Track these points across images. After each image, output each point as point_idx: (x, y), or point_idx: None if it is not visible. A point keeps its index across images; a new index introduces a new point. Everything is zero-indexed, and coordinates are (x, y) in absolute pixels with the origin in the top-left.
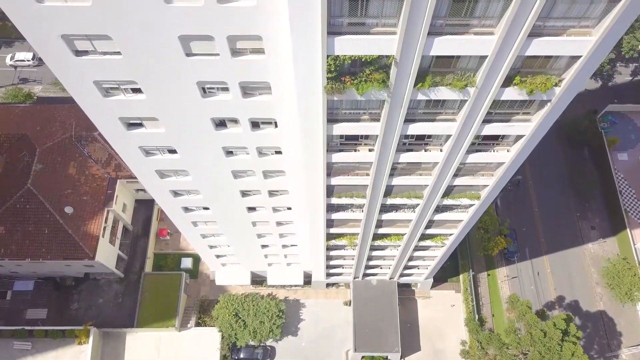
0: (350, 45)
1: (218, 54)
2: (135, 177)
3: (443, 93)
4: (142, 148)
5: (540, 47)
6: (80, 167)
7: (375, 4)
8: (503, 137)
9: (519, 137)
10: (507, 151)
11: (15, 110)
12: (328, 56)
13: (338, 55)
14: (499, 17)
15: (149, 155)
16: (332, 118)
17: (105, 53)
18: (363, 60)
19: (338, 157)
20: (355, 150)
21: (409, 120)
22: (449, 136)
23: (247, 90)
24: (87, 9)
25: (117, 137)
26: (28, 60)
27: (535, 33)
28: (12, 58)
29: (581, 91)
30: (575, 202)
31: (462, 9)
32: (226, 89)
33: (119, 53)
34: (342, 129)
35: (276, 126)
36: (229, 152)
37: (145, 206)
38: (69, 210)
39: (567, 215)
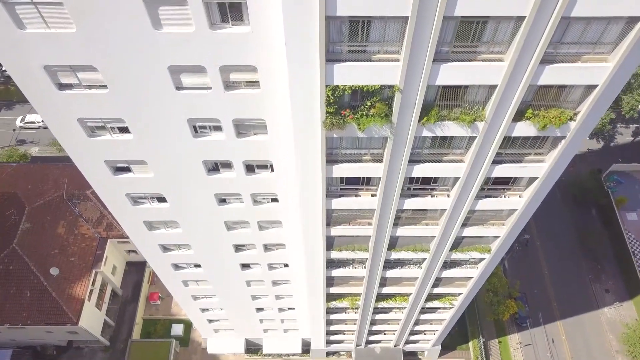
0: (350, 73)
1: (210, 87)
2: (126, 237)
3: (450, 129)
4: (130, 196)
5: (554, 75)
6: (69, 227)
7: (377, 26)
8: (514, 181)
9: (531, 181)
10: (519, 197)
11: (8, 169)
12: (327, 86)
13: (337, 85)
14: (509, 42)
15: (136, 204)
16: (332, 159)
17: (90, 87)
18: (364, 90)
19: (338, 204)
20: (356, 196)
21: (413, 161)
22: (456, 179)
23: (241, 129)
24: (72, 36)
25: (102, 183)
26: (38, 122)
27: (547, 60)
28: (22, 120)
29: (583, 151)
30: (586, 263)
31: (469, 32)
32: (219, 128)
33: (105, 87)
34: (342, 170)
35: (272, 170)
36: (222, 200)
37: (136, 268)
38: (54, 271)
39: (578, 277)
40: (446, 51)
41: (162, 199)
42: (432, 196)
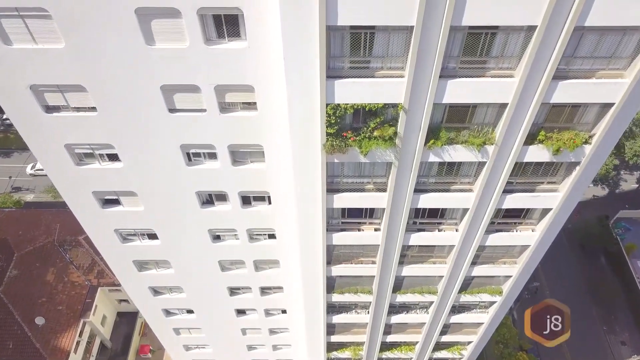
0: (352, 90)
1: (205, 110)
2: (118, 285)
3: (458, 153)
4: (119, 232)
5: (567, 92)
6: (59, 274)
7: (380, 39)
8: (526, 213)
9: (544, 213)
10: (532, 231)
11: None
12: (327, 105)
13: (338, 105)
14: (519, 57)
15: (126, 242)
16: (333, 188)
17: (79, 109)
18: (367, 109)
19: (339, 239)
20: (358, 230)
21: (419, 190)
22: (465, 211)
23: (238, 156)
24: (60, 53)
25: (90, 218)
26: None
27: (560, 76)
28: (32, 167)
29: (589, 198)
30: (599, 313)
31: (477, 46)
32: (214, 155)
33: (94, 109)
34: (344, 200)
35: (270, 202)
36: (216, 237)
37: (127, 319)
38: (39, 321)
39: (592, 328)
40: (453, 67)
41: (152, 236)
42: (439, 230)
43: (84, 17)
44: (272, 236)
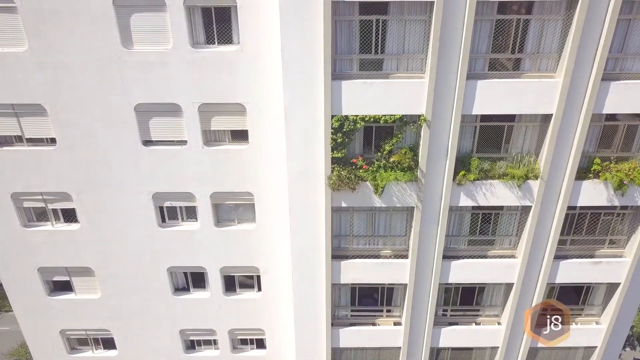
0: (362, 96)
1: (186, 142)
2: None
3: (495, 192)
4: (66, 335)
5: (620, 97)
6: None
7: (394, 27)
8: (586, 296)
9: (610, 294)
10: (596, 323)
11: None
12: (333, 117)
13: (347, 117)
14: (559, 53)
15: (74, 352)
16: (339, 254)
17: (34, 142)
18: (381, 121)
19: (348, 338)
20: (373, 325)
21: (449, 256)
22: (508, 291)
23: (222, 214)
24: (20, 58)
25: (31, 311)
26: None
27: (610, 77)
28: None
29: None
30: None
31: (508, 36)
32: (192, 212)
33: (53, 142)
34: (354, 270)
35: (259, 289)
36: (190, 346)
37: None
38: None
39: None
40: (481, 69)
41: (109, 342)
42: (477, 324)
43: (55, 8)
44: (260, 344)
